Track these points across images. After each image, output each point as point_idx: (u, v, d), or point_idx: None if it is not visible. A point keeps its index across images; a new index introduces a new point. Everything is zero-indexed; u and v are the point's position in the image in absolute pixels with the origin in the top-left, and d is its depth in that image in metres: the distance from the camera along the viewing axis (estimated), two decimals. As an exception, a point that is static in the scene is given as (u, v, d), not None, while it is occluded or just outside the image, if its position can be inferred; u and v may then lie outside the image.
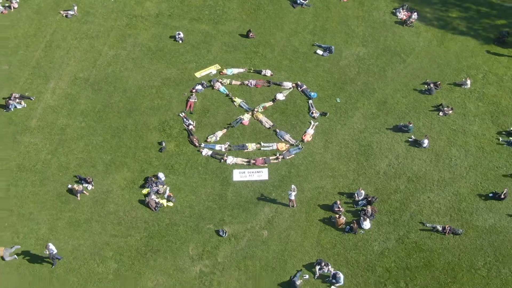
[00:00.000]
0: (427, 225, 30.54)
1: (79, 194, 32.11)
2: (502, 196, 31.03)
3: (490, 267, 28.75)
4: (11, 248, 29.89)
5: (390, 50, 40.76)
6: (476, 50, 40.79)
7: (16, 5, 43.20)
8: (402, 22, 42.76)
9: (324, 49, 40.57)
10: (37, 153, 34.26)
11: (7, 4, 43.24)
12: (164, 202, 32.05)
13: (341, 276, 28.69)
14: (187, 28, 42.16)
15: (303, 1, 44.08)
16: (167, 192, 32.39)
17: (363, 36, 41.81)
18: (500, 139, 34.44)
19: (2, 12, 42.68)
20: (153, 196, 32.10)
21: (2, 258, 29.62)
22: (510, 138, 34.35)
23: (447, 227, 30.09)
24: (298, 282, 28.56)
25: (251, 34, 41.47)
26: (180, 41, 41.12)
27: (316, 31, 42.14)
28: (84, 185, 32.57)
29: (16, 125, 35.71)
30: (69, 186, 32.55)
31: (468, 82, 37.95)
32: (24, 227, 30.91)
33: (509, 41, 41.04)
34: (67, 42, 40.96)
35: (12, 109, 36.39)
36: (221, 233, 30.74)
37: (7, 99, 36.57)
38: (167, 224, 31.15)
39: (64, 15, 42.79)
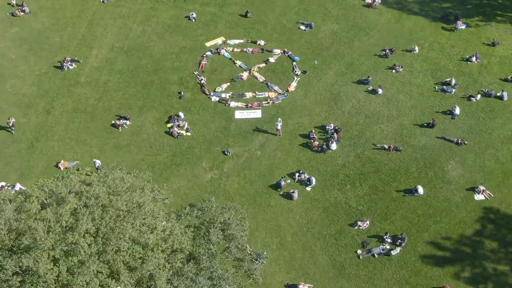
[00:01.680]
0: (377, 145, 41.89)
1: (120, 127, 43.49)
2: (432, 124, 42.44)
3: (420, 171, 40.09)
4: (73, 162, 41.26)
5: (358, 26, 52.24)
6: (426, 26, 52.26)
7: (63, -7, 54.89)
8: (368, 5, 54.30)
9: (306, 25, 52.10)
10: (87, 100, 45.69)
11: (55, -8, 54.91)
12: (183, 132, 43.40)
13: (313, 179, 39.98)
14: (198, 10, 53.72)
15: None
16: (186, 125, 43.80)
17: (336, 16, 53.34)
18: (436, 87, 45.87)
19: (52, -2, 54.41)
20: (176, 128, 43.49)
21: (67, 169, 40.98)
22: (443, 86, 45.77)
23: (391, 146, 41.46)
24: (282, 183, 39.84)
25: (248, 14, 53.02)
26: (193, 20, 52.69)
27: (300, 12, 53.69)
28: (123, 121, 44.00)
29: (70, 80, 47.17)
30: (113, 121, 43.97)
31: (416, 48, 49.39)
32: (81, 149, 42.28)
33: (451, 19, 52.50)
34: (104, 21, 52.56)
35: (65, 69, 47.85)
36: (226, 153, 42.03)
37: (62, 62, 48.07)
38: (186, 147, 42.46)
39: (101, 0, 54.48)
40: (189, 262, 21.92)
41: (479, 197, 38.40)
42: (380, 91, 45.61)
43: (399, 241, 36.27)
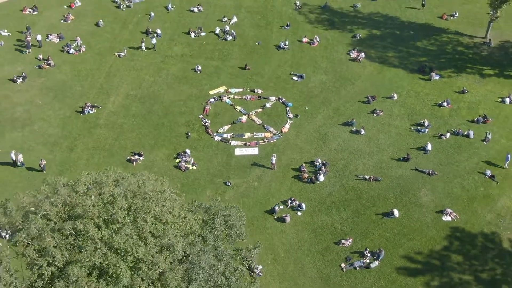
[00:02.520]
0: (359, 176, 48.48)
1: (135, 162, 50.25)
2: (407, 158, 49.26)
3: (396, 197, 46.53)
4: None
5: (344, 77, 59.91)
6: (404, 77, 59.93)
7: (84, 49, 63.00)
8: (353, 59, 62.22)
9: (298, 76, 59.81)
10: (105, 139, 52.67)
11: (77, 49, 63.01)
12: (190, 166, 50.11)
13: (303, 205, 46.37)
14: (203, 63, 61.59)
15: (284, 46, 63.87)
16: (192, 160, 50.58)
17: (325, 68, 61.15)
18: (411, 128, 52.98)
19: (75, 53, 62.44)
20: (183, 163, 50.25)
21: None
22: (418, 127, 52.86)
23: (372, 176, 48.09)
24: (276, 209, 46.20)
25: (247, 67, 60.85)
26: (199, 72, 60.45)
27: (293, 65, 61.54)
28: (137, 157, 50.81)
29: (90, 123, 54.34)
30: (128, 157, 50.79)
31: (395, 95, 56.83)
32: (100, 181, 48.87)
33: (426, 70, 60.22)
34: (120, 72, 60.35)
35: (86, 113, 55.15)
36: (227, 184, 48.58)
37: (83, 107, 55.45)
38: (192, 179, 49.04)
39: (117, 55, 62.48)
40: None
41: (446, 218, 44.72)
42: (362, 131, 52.64)
43: (378, 255, 42.32)
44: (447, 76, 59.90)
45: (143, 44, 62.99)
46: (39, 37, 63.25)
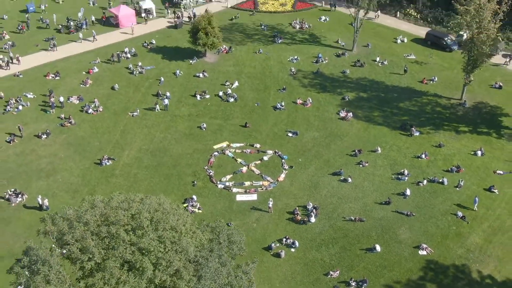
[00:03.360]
0: (346, 218, 55.60)
1: (147, 206, 57.49)
2: (388, 202, 56.56)
3: (378, 235, 53.46)
4: (110, 231, 54.59)
5: (334, 134, 67.98)
6: (387, 133, 67.97)
7: (101, 109, 71.49)
8: (342, 118, 70.51)
9: (293, 133, 67.88)
10: (121, 187, 60.08)
11: (95, 109, 71.52)
12: (196, 210, 57.33)
13: (297, 243, 53.23)
14: (208, 122, 69.85)
15: (281, 107, 72.36)
16: (198, 205, 57.82)
17: (317, 126, 69.35)
18: (393, 176, 60.53)
19: (93, 113, 70.92)
20: (190, 207, 57.47)
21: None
22: (398, 176, 60.41)
23: (357, 218, 55.21)
24: (273, 246, 53.03)
25: (247, 125, 69.07)
26: (204, 129, 68.61)
27: (288, 123, 69.77)
28: (149, 202, 58.04)
29: (107, 173, 61.94)
30: (141, 202, 58.03)
31: (379, 149, 64.67)
32: (116, 222, 55.86)
33: (407, 128, 68.33)
34: (134, 130, 68.53)
35: (103, 165, 62.87)
36: (229, 224, 55.61)
37: (101, 159, 63.22)
38: (198, 221, 56.03)
39: (131, 115, 70.88)
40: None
41: (422, 252, 51.51)
42: (349, 179, 60.13)
43: (362, 284, 48.85)
44: (426, 132, 67.91)
45: (157, 106, 71.46)
46: (61, 99, 71.88)
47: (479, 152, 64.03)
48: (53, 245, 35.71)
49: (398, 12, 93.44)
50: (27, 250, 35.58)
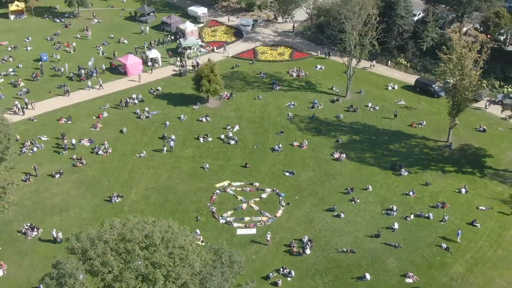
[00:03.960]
0: (339, 249, 60.53)
1: (153, 240, 62.43)
2: (378, 235, 61.55)
3: (368, 265, 58.23)
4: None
5: (328, 173, 73.40)
6: (378, 173, 73.37)
7: (110, 151, 77.20)
8: (336, 159, 76.09)
9: (290, 173, 73.34)
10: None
11: (105, 151, 77.22)
12: (199, 243, 62.24)
13: (293, 272, 58.02)
14: (210, 163, 75.36)
15: (279, 148, 78.06)
16: (201, 238, 62.76)
17: (313, 166, 74.84)
18: (382, 212, 65.70)
19: (103, 154, 76.61)
20: (194, 240, 62.41)
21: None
22: (388, 211, 65.60)
23: (349, 249, 60.13)
24: (271, 275, 57.79)
25: (247, 165, 74.61)
26: (207, 169, 74.11)
27: (285, 164, 75.26)
28: (156, 235, 63.01)
29: (116, 209, 67.09)
30: (148, 236, 62.99)
31: (370, 187, 70.00)
32: (125, 254, 60.75)
33: (397, 168, 73.78)
34: (141, 170, 73.99)
35: (113, 202, 68.11)
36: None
37: (110, 197, 68.51)
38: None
39: (138, 156, 76.53)
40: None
41: (409, 280, 56.28)
42: (342, 215, 65.31)
43: (352, 309, 53.48)
44: (414, 172, 73.36)
45: (165, 148, 77.14)
46: (73, 141, 77.64)
47: (463, 190, 69.30)
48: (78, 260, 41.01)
49: (389, 61, 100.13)
50: (56, 264, 40.81)
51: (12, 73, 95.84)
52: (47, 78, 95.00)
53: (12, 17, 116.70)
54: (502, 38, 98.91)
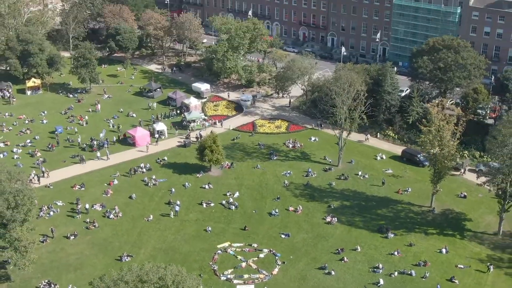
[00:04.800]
0: (329, 303, 67.33)
1: None
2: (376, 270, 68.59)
3: (356, 316, 65.00)
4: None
5: (320, 236, 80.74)
6: (366, 235, 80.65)
7: (120, 215, 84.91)
8: (328, 223, 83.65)
9: (285, 235, 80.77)
10: (138, 279, 72.09)
11: (115, 215, 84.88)
12: (202, 297, 69.08)
13: (287, 324, 64.66)
14: (212, 226, 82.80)
15: (275, 213, 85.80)
16: (204, 293, 69.63)
17: (306, 229, 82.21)
18: (370, 270, 72.69)
19: (114, 218, 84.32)
20: (197, 295, 69.18)
21: None
22: (374, 269, 72.64)
23: (338, 303, 66.94)
24: (267, 326, 64.39)
25: (247, 228, 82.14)
26: (209, 232, 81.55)
27: (281, 227, 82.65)
28: None
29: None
30: None
31: (359, 248, 77.24)
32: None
33: (384, 230, 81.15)
34: (149, 232, 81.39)
35: (123, 261, 75.16)
36: (230, 309, 67.22)
37: (121, 256, 75.66)
38: (204, 307, 67.73)
39: (146, 220, 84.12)
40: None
41: (392, 330, 62.90)
42: (333, 272, 72.38)
43: None
44: (400, 234, 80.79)
45: (172, 213, 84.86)
46: (86, 206, 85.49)
47: (444, 250, 76.56)
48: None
49: (378, 133, 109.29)
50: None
51: (29, 144, 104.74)
52: (62, 148, 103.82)
53: (29, 92, 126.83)
54: (482, 112, 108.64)
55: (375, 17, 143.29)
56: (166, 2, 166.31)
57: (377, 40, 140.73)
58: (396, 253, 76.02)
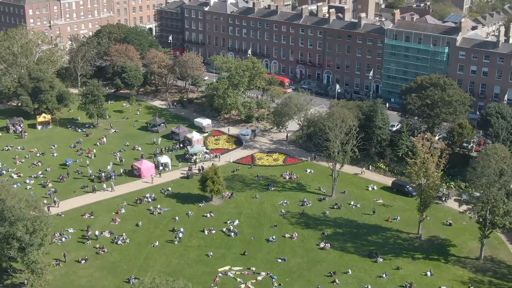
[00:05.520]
0: (322, 320, 73.64)
1: (166, 313, 75.48)
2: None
3: (345, 332, 71.31)
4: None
5: (314, 260, 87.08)
6: (358, 259, 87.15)
7: (128, 241, 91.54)
8: (322, 248, 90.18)
9: (282, 259, 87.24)
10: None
11: (123, 241, 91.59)
12: (204, 316, 75.34)
13: None
14: (214, 251, 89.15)
15: (272, 240, 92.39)
16: (206, 312, 75.89)
17: (301, 254, 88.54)
18: (359, 290, 79.24)
19: (121, 244, 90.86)
20: (200, 314, 75.53)
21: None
22: (363, 290, 79.12)
23: (330, 320, 73.28)
24: None
25: (245, 253, 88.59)
26: (210, 256, 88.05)
27: (278, 252, 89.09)
28: (168, 310, 76.11)
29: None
30: (161, 310, 76.05)
31: (350, 271, 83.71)
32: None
33: (373, 255, 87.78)
34: (155, 257, 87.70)
35: (131, 283, 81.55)
36: (230, 326, 73.42)
37: (129, 278, 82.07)
38: (206, 324, 73.93)
39: (152, 245, 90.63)
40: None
41: None
42: (325, 295, 78.97)
43: None
44: (388, 259, 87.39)
45: (176, 239, 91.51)
46: (96, 233, 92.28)
47: (428, 273, 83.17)
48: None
49: (370, 165, 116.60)
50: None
51: (41, 176, 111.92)
52: (72, 179, 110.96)
53: (39, 127, 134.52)
54: (467, 145, 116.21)
55: (368, 56, 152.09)
56: (169, 41, 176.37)
57: (370, 77, 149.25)
58: (384, 275, 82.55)
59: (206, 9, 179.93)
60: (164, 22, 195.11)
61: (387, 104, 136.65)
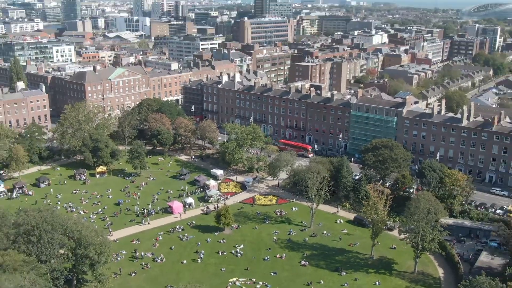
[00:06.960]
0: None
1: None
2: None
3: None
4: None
5: (297, 273, 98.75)
6: (328, 273, 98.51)
7: (165, 259, 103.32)
8: (302, 265, 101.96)
9: (274, 273, 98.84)
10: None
11: (161, 259, 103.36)
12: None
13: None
14: (225, 267, 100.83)
15: (267, 258, 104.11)
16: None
17: (287, 269, 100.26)
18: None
19: (160, 262, 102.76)
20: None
21: None
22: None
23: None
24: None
25: (248, 268, 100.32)
26: (223, 271, 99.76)
27: (272, 267, 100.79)
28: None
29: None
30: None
31: (322, 281, 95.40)
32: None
33: (339, 270, 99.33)
34: (183, 271, 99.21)
35: (168, 287, 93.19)
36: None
37: (166, 287, 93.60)
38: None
39: (181, 263, 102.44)
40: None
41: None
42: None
43: None
44: (349, 272, 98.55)
45: (199, 259, 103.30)
46: (142, 254, 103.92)
47: (377, 283, 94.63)
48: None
49: (339, 205, 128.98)
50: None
51: (100, 212, 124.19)
52: (123, 215, 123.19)
53: (97, 176, 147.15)
54: (409, 190, 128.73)
55: (339, 122, 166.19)
56: (191, 110, 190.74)
57: (340, 138, 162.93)
58: (346, 284, 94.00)
59: (219, 86, 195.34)
60: (188, 95, 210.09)
61: (352, 159, 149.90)
